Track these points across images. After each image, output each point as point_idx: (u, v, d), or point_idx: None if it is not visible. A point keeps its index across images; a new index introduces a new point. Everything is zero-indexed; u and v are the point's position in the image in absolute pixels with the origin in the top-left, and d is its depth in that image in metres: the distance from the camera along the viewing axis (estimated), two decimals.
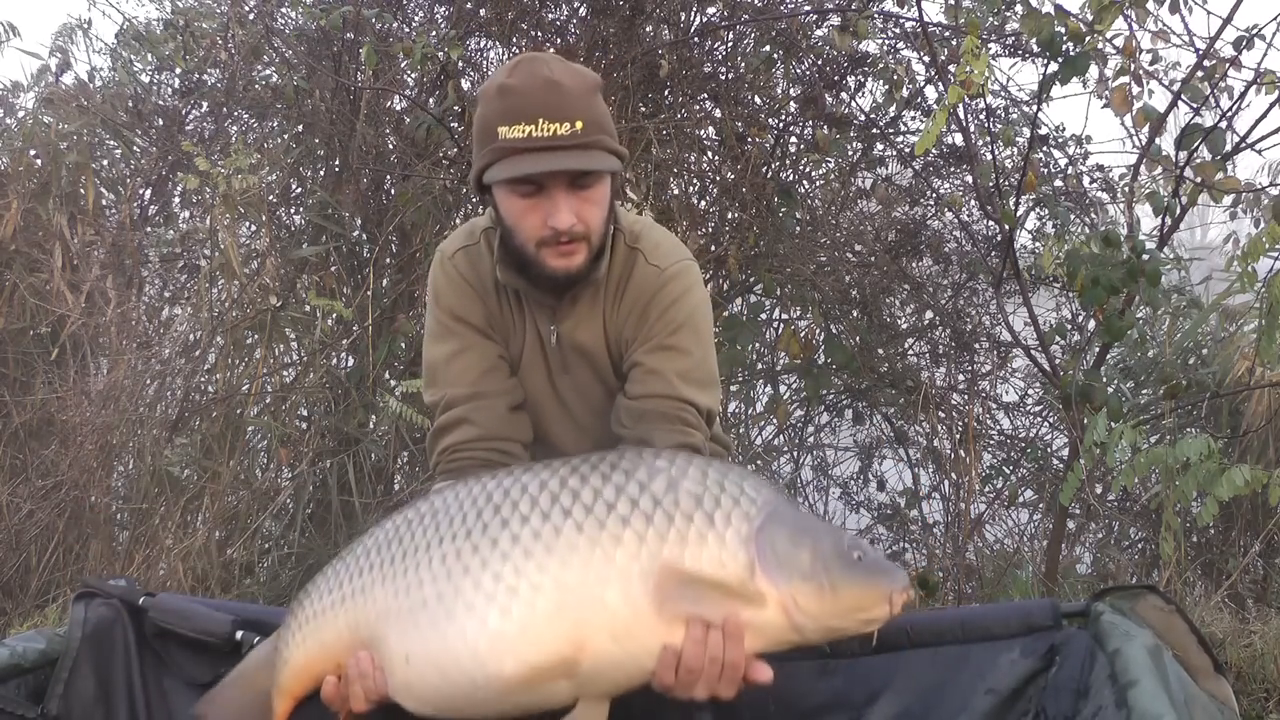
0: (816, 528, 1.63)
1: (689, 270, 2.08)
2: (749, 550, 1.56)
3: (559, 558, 1.56)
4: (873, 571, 1.59)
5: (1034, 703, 1.86)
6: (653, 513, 1.57)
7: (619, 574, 1.54)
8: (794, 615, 1.56)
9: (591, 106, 1.90)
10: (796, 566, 1.56)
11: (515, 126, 1.86)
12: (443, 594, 1.60)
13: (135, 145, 4.91)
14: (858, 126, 4.47)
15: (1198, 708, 1.63)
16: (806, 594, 1.56)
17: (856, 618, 1.59)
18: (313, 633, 1.76)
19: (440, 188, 4.24)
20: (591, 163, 1.88)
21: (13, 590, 4.08)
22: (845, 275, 4.36)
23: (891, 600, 1.58)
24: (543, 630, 1.55)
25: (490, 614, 1.56)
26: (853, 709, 1.93)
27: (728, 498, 1.60)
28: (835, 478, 4.84)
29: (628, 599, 1.54)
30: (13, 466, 4.33)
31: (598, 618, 1.54)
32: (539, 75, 1.88)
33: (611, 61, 4.18)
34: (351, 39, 4.38)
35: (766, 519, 1.59)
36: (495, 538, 1.60)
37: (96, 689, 2.02)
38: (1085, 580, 4.07)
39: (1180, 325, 4.65)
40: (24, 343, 4.56)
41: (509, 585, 1.56)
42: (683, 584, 1.54)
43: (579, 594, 1.54)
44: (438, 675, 1.60)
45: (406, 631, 1.62)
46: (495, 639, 1.55)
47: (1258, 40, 3.38)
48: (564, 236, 1.91)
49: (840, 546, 1.60)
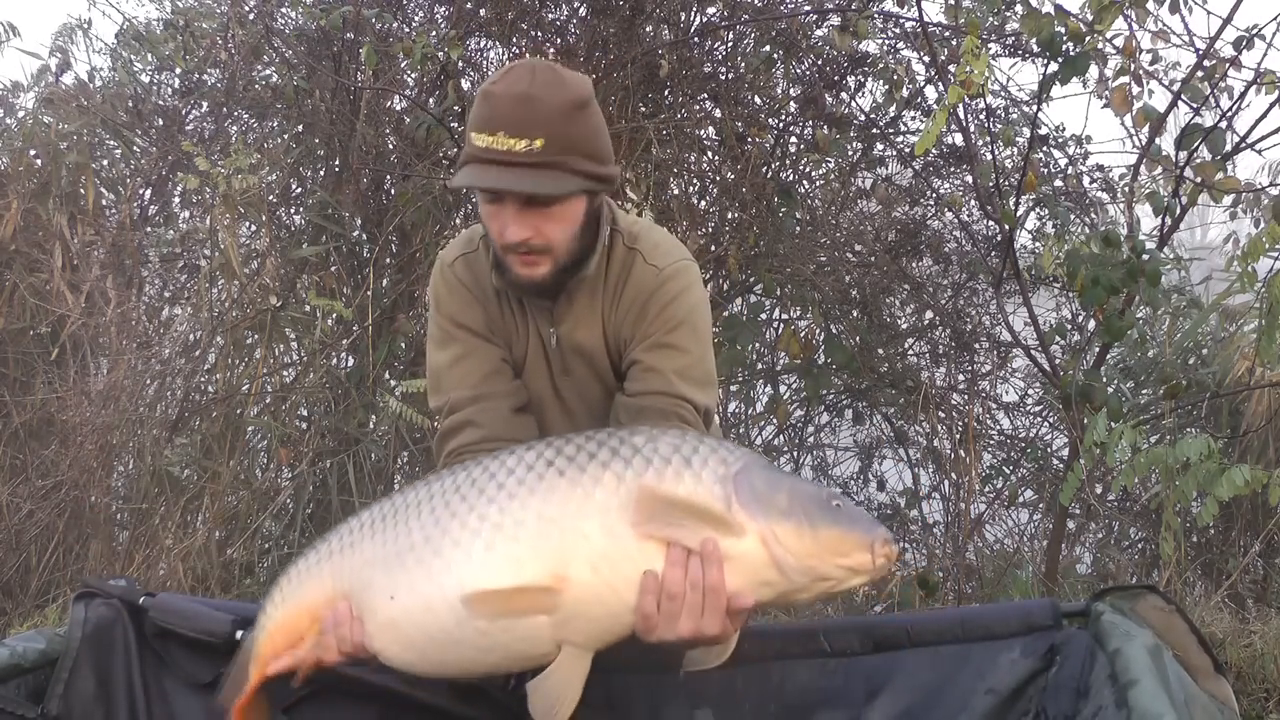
0: (794, 478, 1.67)
1: (687, 270, 2.08)
2: (726, 488, 1.59)
3: (540, 496, 1.61)
4: (855, 519, 1.61)
5: (1034, 702, 1.87)
6: (632, 458, 1.61)
7: (598, 508, 1.58)
8: (773, 548, 1.58)
9: (562, 124, 1.86)
10: (775, 504, 1.59)
11: (482, 135, 1.86)
12: (430, 536, 1.64)
13: (135, 145, 4.91)
14: (858, 126, 4.47)
15: (1198, 708, 1.63)
16: (785, 530, 1.58)
17: (838, 562, 1.59)
18: (293, 592, 1.78)
19: (440, 188, 4.24)
20: (542, 186, 1.85)
21: (13, 590, 4.08)
22: (845, 275, 4.36)
23: (874, 549, 1.58)
24: (524, 558, 1.58)
25: (475, 547, 1.60)
26: (853, 708, 1.93)
27: (705, 448, 1.63)
28: (835, 478, 4.84)
29: (606, 530, 1.58)
30: (13, 466, 4.33)
31: (578, 548, 1.58)
32: (515, 87, 1.86)
33: (611, 61, 4.18)
34: (351, 39, 4.38)
35: (744, 466, 1.62)
36: (483, 487, 1.64)
37: (96, 689, 2.02)
38: (1085, 580, 4.07)
39: (1180, 325, 4.65)
40: (24, 343, 4.56)
41: (494, 522, 1.61)
42: (660, 506, 1.58)
43: (560, 525, 1.59)
44: (422, 609, 1.63)
45: (393, 572, 1.66)
46: (479, 567, 1.60)
47: (1258, 40, 3.38)
48: (522, 248, 1.91)
49: (819, 494, 1.62)
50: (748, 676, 1.96)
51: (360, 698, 2.00)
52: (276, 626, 1.79)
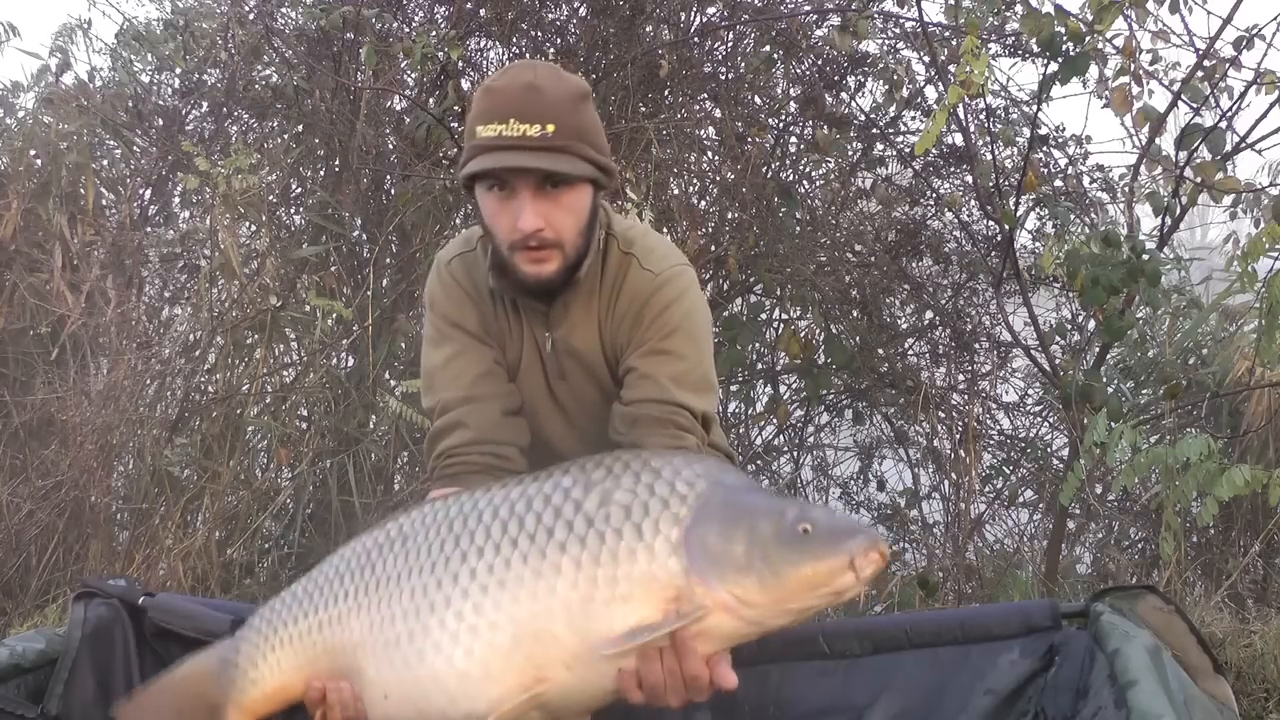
0: (754, 511, 1.57)
1: (683, 275, 2.08)
2: (680, 557, 1.54)
3: (510, 593, 1.59)
4: (825, 543, 1.52)
5: (1034, 703, 1.87)
6: (585, 534, 1.58)
7: (563, 606, 1.56)
8: (740, 612, 1.54)
9: (570, 113, 1.90)
10: (731, 562, 1.53)
11: (490, 125, 1.87)
12: (413, 632, 1.64)
13: (135, 145, 4.91)
14: (858, 126, 4.47)
15: (1197, 708, 1.63)
16: (747, 589, 1.53)
17: (817, 595, 1.54)
18: (289, 657, 1.78)
19: (440, 188, 4.24)
20: (557, 165, 1.87)
21: (13, 590, 4.08)
22: (845, 275, 4.36)
23: (855, 565, 1.51)
24: (504, 668, 1.59)
25: (455, 654, 1.61)
26: (852, 709, 1.93)
27: (656, 502, 1.58)
28: (835, 478, 4.84)
29: (574, 630, 1.56)
30: (13, 466, 4.33)
31: (551, 650, 1.57)
32: (520, 79, 1.90)
33: (611, 61, 4.18)
34: (351, 39, 4.38)
35: (695, 517, 1.56)
36: (456, 573, 1.64)
37: (96, 689, 2.02)
38: (1085, 580, 4.06)
39: (1180, 325, 4.64)
40: (24, 343, 4.55)
41: (470, 625, 1.60)
42: (618, 639, 1.54)
43: (530, 628, 1.57)
44: (415, 713, 1.65)
45: (382, 669, 1.67)
46: (462, 679, 1.60)
47: (1258, 40, 3.39)
48: (532, 241, 1.91)
49: (780, 526, 1.54)
50: (747, 679, 1.94)
51: None
52: (275, 690, 1.80)
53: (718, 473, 1.64)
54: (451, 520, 1.69)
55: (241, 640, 1.83)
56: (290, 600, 1.80)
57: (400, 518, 1.78)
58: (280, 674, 1.78)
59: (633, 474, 1.63)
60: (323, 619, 1.75)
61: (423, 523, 1.72)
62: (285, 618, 1.79)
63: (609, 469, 1.65)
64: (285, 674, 1.78)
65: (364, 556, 1.75)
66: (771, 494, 1.68)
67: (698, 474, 1.62)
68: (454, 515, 1.69)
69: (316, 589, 1.78)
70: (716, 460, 1.73)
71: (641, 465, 1.64)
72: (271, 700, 1.81)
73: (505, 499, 1.67)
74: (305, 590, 1.80)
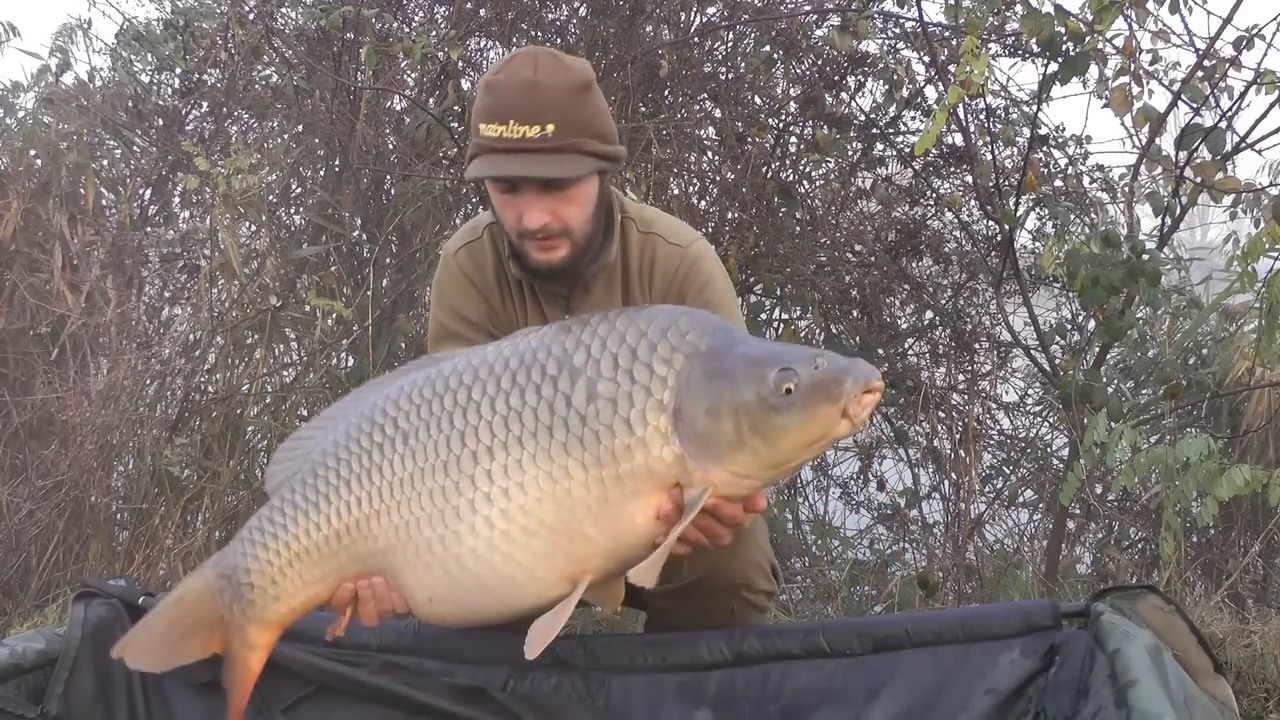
0: (735, 380, 1.59)
1: (708, 246, 2.17)
2: (673, 444, 1.60)
3: (533, 497, 1.67)
4: (812, 399, 1.54)
5: (1034, 703, 1.87)
6: (583, 434, 1.64)
7: (584, 509, 1.64)
8: (742, 480, 1.61)
9: (570, 107, 1.91)
10: (721, 440, 1.58)
11: (491, 125, 1.90)
12: (444, 538, 1.71)
13: (135, 145, 4.91)
14: (858, 126, 4.46)
15: (1197, 708, 1.63)
16: (743, 463, 1.59)
17: (814, 449, 1.62)
18: (311, 569, 1.81)
19: (440, 188, 4.24)
20: (559, 169, 1.90)
21: (13, 590, 4.08)
22: (845, 275, 4.35)
23: (848, 412, 1.54)
24: (547, 569, 1.68)
25: (496, 560, 1.69)
26: (852, 709, 1.93)
27: (639, 390, 1.63)
28: (835, 478, 4.83)
29: (603, 529, 1.64)
30: (13, 466, 4.33)
31: (587, 548, 1.66)
32: (520, 75, 1.91)
33: (611, 61, 4.18)
34: (351, 39, 4.38)
35: (681, 397, 1.61)
36: (472, 475, 1.70)
37: (96, 689, 2.03)
38: (1085, 580, 4.06)
39: (1180, 325, 4.64)
40: (24, 343, 4.55)
41: (502, 530, 1.68)
42: (647, 542, 1.63)
43: (563, 531, 1.65)
44: (465, 610, 1.77)
45: (422, 576, 1.74)
46: (508, 583, 1.70)
47: (1258, 40, 3.38)
48: (539, 233, 1.95)
49: (764, 390, 1.56)
50: (747, 677, 1.96)
51: (360, 698, 2.00)
52: (302, 602, 1.83)
53: (694, 337, 1.66)
54: (450, 414, 1.73)
55: (248, 558, 1.83)
56: (294, 512, 1.81)
57: (384, 404, 1.80)
58: (305, 586, 1.82)
59: (610, 357, 1.67)
60: (339, 528, 1.78)
61: (418, 416, 1.76)
62: (296, 531, 1.81)
63: (588, 351, 1.68)
64: (310, 585, 1.82)
65: (365, 458, 1.78)
66: (753, 348, 1.67)
67: (673, 346, 1.65)
68: (450, 408, 1.73)
69: (323, 498, 1.80)
70: (690, 317, 1.71)
71: (618, 343, 1.67)
72: (298, 611, 1.85)
73: (498, 388, 1.71)
74: (308, 499, 1.81)
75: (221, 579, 1.84)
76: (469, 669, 2.01)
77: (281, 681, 2.02)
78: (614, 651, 2.00)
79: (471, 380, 1.73)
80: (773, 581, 2.11)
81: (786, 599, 3.94)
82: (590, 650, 2.00)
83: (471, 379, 1.73)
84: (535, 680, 1.98)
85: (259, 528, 1.83)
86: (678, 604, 2.00)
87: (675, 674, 1.97)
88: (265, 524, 1.83)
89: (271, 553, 1.81)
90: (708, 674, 1.96)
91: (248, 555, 1.83)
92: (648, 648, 1.99)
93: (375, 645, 2.06)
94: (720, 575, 1.99)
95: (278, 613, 1.83)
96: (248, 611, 1.82)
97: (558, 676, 1.98)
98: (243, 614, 1.82)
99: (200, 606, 1.85)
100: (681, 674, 1.97)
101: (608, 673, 1.99)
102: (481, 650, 2.02)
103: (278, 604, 1.82)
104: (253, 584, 1.82)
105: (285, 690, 2.01)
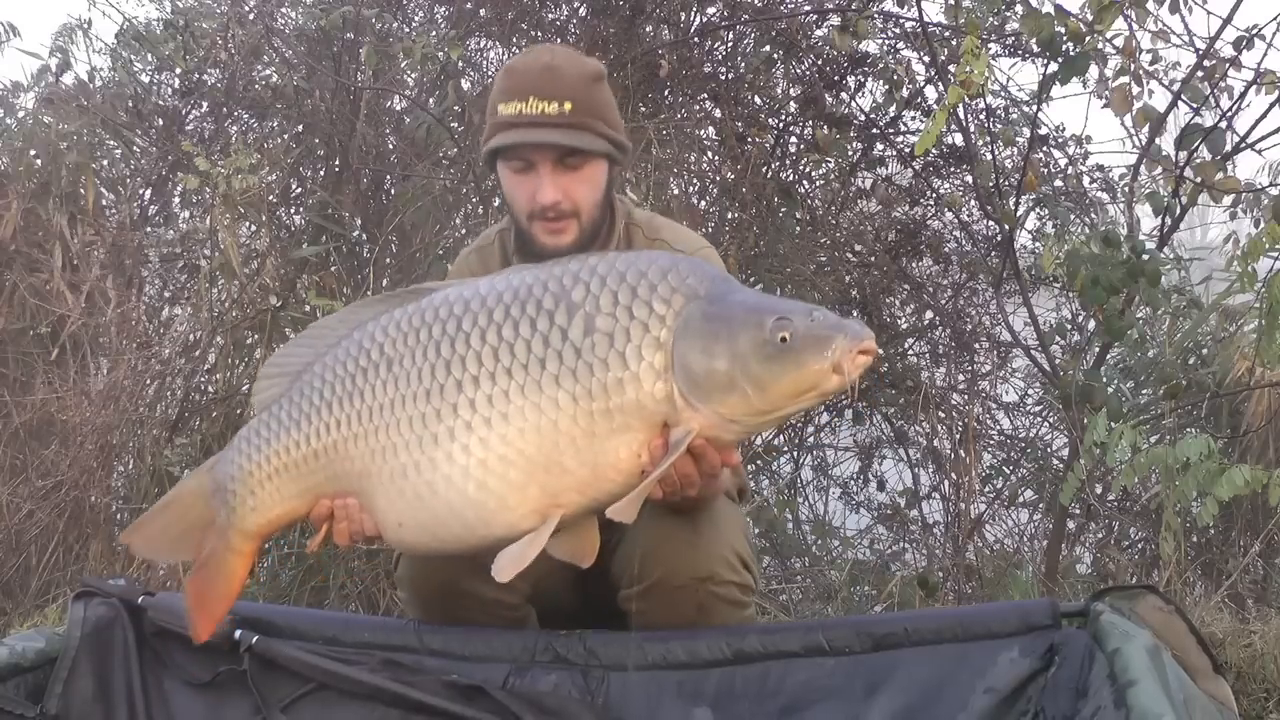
0: (732, 324, 1.62)
1: (714, 254, 2.22)
2: (666, 382, 1.63)
3: (515, 427, 1.68)
4: (806, 350, 1.58)
5: (1033, 702, 1.87)
6: (575, 366, 1.66)
7: (568, 440, 1.66)
8: (729, 424, 1.64)
9: (586, 91, 2.01)
10: (715, 382, 1.61)
11: (510, 104, 1.99)
12: (419, 464, 1.73)
13: (135, 145, 4.91)
14: (858, 126, 4.46)
15: (1197, 708, 1.63)
16: (732, 406, 1.62)
17: (804, 400, 1.63)
18: (289, 484, 1.85)
19: (440, 188, 4.24)
20: (576, 141, 1.99)
21: (13, 590, 4.08)
22: (845, 275, 4.36)
23: (839, 367, 1.57)
24: (520, 499, 1.69)
25: (468, 488, 1.71)
26: (851, 707, 1.93)
27: (637, 326, 1.65)
28: (835, 478, 4.83)
29: (583, 462, 1.66)
30: (13, 466, 4.33)
31: (563, 480, 1.68)
32: (539, 60, 2.03)
33: (611, 61, 4.17)
34: (351, 39, 4.38)
35: (678, 336, 1.63)
36: (454, 403, 1.71)
37: (95, 688, 2.03)
38: (1085, 580, 4.06)
39: (1180, 325, 4.64)
40: (24, 343, 4.55)
41: (479, 459, 1.70)
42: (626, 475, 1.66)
43: (541, 462, 1.67)
44: (431, 538, 1.79)
45: (394, 500, 1.76)
46: (479, 510, 1.71)
47: (1258, 40, 3.38)
48: (550, 212, 2.01)
49: (760, 337, 1.60)
50: (746, 675, 1.96)
51: (359, 696, 2.00)
52: (279, 515, 1.88)
53: (694, 281, 1.69)
54: (437, 343, 1.74)
55: (234, 466, 1.88)
56: (278, 428, 1.85)
57: (373, 330, 1.81)
58: (282, 500, 1.87)
59: (610, 294, 1.68)
60: (317, 448, 1.82)
61: (405, 344, 1.77)
62: (277, 447, 1.85)
63: (586, 287, 1.70)
64: (287, 500, 1.86)
65: (349, 382, 1.80)
66: (751, 296, 1.74)
67: (673, 288, 1.67)
68: (438, 337, 1.74)
69: (304, 417, 1.83)
70: (690, 263, 1.75)
71: (618, 281, 1.69)
72: (275, 523, 1.91)
73: (489, 320, 1.72)
74: (291, 417, 1.84)
75: (213, 483, 1.91)
76: (468, 667, 2.00)
77: (281, 680, 2.02)
78: (613, 649, 2.00)
79: (462, 311, 1.75)
80: (743, 573, 2.08)
81: (786, 599, 3.94)
82: (589, 648, 2.00)
83: (462, 310, 1.75)
84: (534, 678, 1.98)
85: (246, 438, 1.89)
86: (645, 604, 2.01)
87: (674, 672, 1.96)
88: (252, 435, 1.89)
89: (254, 464, 1.86)
90: (707, 672, 1.96)
91: (234, 464, 1.89)
92: (647, 645, 1.98)
93: (375, 643, 2.06)
94: (681, 570, 1.98)
95: (255, 523, 1.89)
96: (229, 518, 1.89)
97: (557, 674, 1.98)
98: (225, 520, 1.89)
99: (195, 507, 1.94)
100: (681, 672, 1.96)
101: (607, 670, 1.98)
102: (481, 648, 2.02)
103: (255, 515, 1.88)
104: (235, 491, 1.88)
105: (284, 688, 2.01)
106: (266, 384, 1.93)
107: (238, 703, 2.03)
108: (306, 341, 1.94)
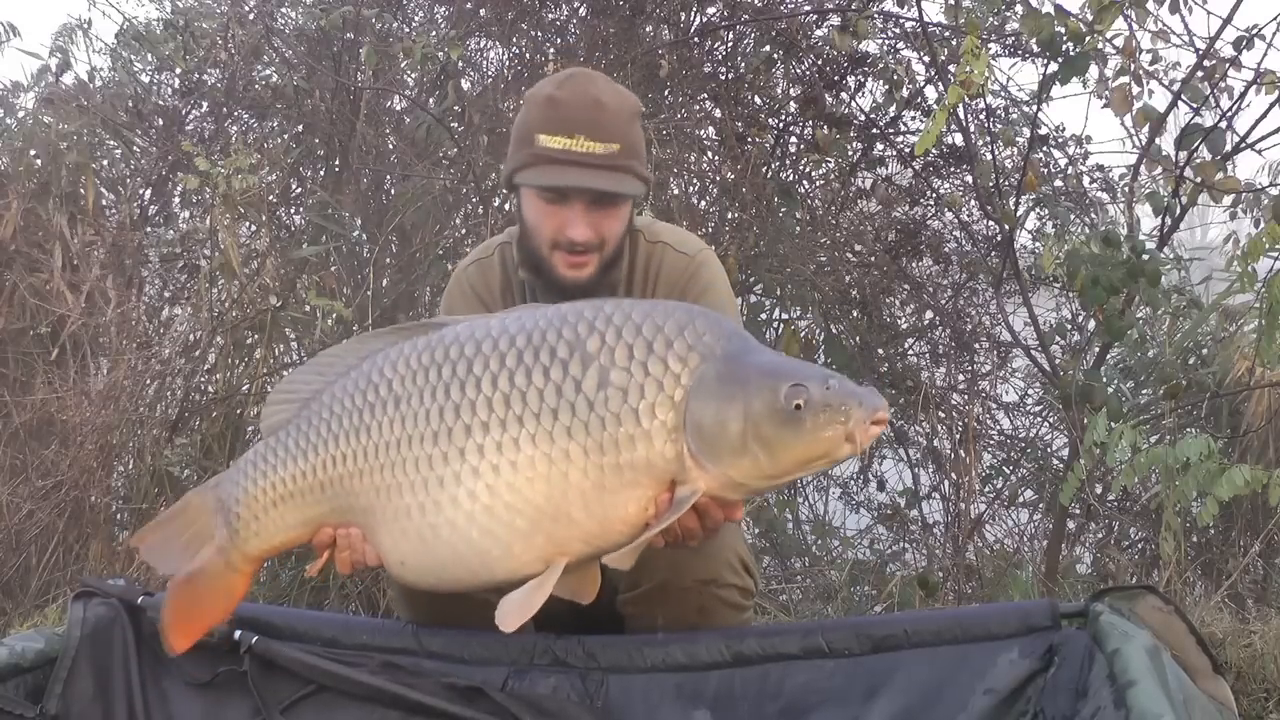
0: (747, 387, 1.62)
1: (715, 259, 2.23)
2: (676, 442, 1.63)
3: (524, 476, 1.68)
4: (819, 420, 1.57)
5: (1033, 703, 1.86)
6: (588, 419, 1.66)
7: (578, 493, 1.67)
8: (737, 486, 1.65)
9: (630, 131, 2.02)
10: (725, 444, 1.61)
11: (556, 137, 1.97)
12: (424, 506, 1.73)
13: (135, 145, 4.91)
14: (858, 126, 4.46)
15: (1196, 708, 1.63)
16: (742, 469, 1.62)
17: (813, 466, 1.66)
18: (292, 512, 1.85)
19: (440, 188, 4.24)
20: (620, 186, 2.00)
21: (13, 590, 4.08)
22: (845, 275, 4.35)
23: (852, 436, 1.57)
24: (524, 548, 1.70)
25: (473, 532, 1.71)
26: (851, 709, 1.92)
27: (651, 384, 1.65)
28: (835, 478, 4.82)
29: (591, 514, 1.66)
30: (13, 466, 4.33)
31: (570, 531, 1.68)
32: (587, 93, 2.00)
33: (611, 61, 4.18)
34: (351, 39, 4.38)
35: (692, 394, 1.63)
36: (462, 448, 1.71)
37: (95, 688, 2.03)
38: (1085, 580, 4.06)
39: (1180, 325, 4.64)
40: (24, 343, 4.55)
41: (485, 505, 1.70)
42: (631, 529, 1.67)
43: (549, 512, 1.67)
44: (434, 578, 1.80)
45: (398, 540, 1.77)
46: (483, 557, 1.72)
47: (1258, 40, 3.38)
48: (578, 246, 2.01)
49: (774, 403, 1.59)
50: (746, 677, 1.96)
51: (359, 698, 2.00)
52: (280, 543, 1.90)
53: (710, 339, 1.69)
54: (447, 385, 1.73)
55: (239, 489, 1.89)
56: (285, 455, 1.85)
57: (382, 364, 1.81)
58: (285, 527, 1.87)
59: (625, 347, 1.68)
60: (323, 480, 1.82)
61: (414, 382, 1.76)
62: (283, 474, 1.85)
63: (602, 338, 1.69)
64: (290, 527, 1.87)
65: (356, 416, 1.80)
66: (766, 359, 1.72)
67: (689, 345, 1.67)
68: (448, 379, 1.74)
69: (311, 448, 1.83)
70: (706, 318, 1.74)
71: (634, 334, 1.69)
72: (277, 548, 1.93)
73: (501, 365, 1.71)
74: (299, 445, 1.84)
75: (216, 501, 1.92)
76: (467, 669, 2.00)
77: (280, 681, 2.02)
78: (612, 651, 2.00)
79: (474, 352, 1.74)
80: (744, 577, 2.10)
81: (786, 599, 3.94)
82: (589, 650, 2.00)
83: (474, 351, 1.74)
84: (533, 680, 1.98)
85: (252, 462, 1.90)
86: (646, 607, 2.02)
87: (674, 674, 1.96)
88: (259, 461, 1.89)
89: (259, 489, 1.87)
90: (706, 674, 1.96)
91: (239, 486, 1.89)
92: (646, 647, 1.98)
93: (374, 645, 2.06)
94: (686, 572, 1.99)
95: (258, 547, 1.90)
96: (232, 539, 1.89)
97: (556, 676, 1.98)
98: (229, 540, 1.90)
99: (199, 521, 1.94)
100: (680, 674, 1.96)
101: (606, 672, 1.98)
102: (480, 650, 2.02)
103: (257, 539, 1.89)
104: (239, 514, 1.88)
105: (284, 690, 2.01)
106: (274, 409, 1.93)
107: (237, 703, 2.02)
108: (316, 369, 1.93)
